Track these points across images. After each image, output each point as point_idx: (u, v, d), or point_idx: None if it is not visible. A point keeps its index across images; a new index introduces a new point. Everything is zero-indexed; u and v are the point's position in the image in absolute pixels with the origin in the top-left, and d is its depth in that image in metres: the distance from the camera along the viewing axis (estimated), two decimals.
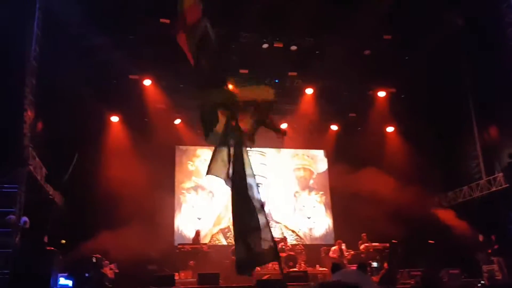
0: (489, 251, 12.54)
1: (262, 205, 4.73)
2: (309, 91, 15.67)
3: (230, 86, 5.34)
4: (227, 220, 16.05)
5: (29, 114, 10.24)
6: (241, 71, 14.64)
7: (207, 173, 4.91)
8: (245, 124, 5.28)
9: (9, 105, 9.66)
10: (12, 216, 9.91)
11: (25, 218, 10.08)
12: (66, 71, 11.77)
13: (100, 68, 12.96)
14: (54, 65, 11.39)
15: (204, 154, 16.66)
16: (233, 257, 12.99)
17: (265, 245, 4.60)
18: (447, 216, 14.54)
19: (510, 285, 8.93)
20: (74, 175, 10.80)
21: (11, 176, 10.18)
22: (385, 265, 11.40)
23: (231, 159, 4.83)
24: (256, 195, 4.73)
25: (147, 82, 14.36)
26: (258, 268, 13.33)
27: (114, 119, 15.07)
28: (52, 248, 9.92)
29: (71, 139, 12.48)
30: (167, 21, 12.49)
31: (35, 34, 10.56)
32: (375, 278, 11.47)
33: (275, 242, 4.66)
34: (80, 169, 11.59)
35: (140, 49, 13.02)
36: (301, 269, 11.71)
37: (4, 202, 10.00)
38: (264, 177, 16.64)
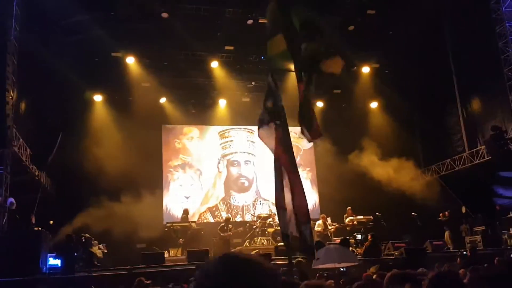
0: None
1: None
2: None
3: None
4: (215, 198, 16.18)
5: (11, 94, 10.05)
6: (226, 47, 14.53)
7: None
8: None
9: None
10: None
11: (11, 200, 10.04)
12: (47, 50, 11.54)
13: (81, 46, 12.72)
14: (35, 44, 11.15)
15: (191, 132, 16.64)
16: (223, 234, 13.15)
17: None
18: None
19: (489, 255, 9.22)
20: (59, 155, 10.70)
21: None
22: (369, 237, 11.67)
23: None
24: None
25: (130, 60, 14.16)
26: (247, 244, 13.65)
27: (97, 98, 14.88)
28: (40, 228, 9.92)
29: (54, 119, 12.34)
30: None
31: (14, 12, 10.28)
32: (360, 250, 11.74)
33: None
34: (65, 149, 11.51)
35: (122, 26, 12.79)
36: None
37: None
38: (252, 154, 16.72)
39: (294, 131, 4.70)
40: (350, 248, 10.95)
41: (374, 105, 16.92)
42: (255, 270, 1.06)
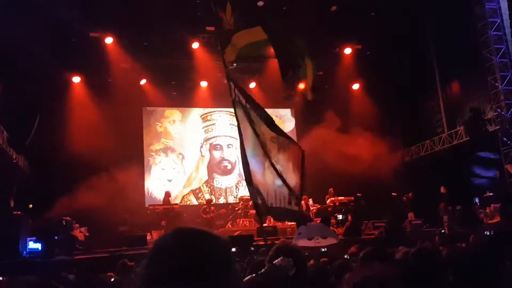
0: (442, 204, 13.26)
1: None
2: None
3: None
4: (198, 181, 16.16)
5: None
6: (207, 28, 14.33)
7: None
8: None
9: None
10: None
11: None
12: (23, 31, 11.19)
13: (58, 27, 12.36)
14: (9, 25, 10.80)
15: (172, 115, 16.46)
16: (205, 216, 13.19)
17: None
18: None
19: (467, 233, 9.46)
20: (37, 138, 10.49)
21: None
22: (349, 217, 11.86)
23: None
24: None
25: (108, 40, 13.85)
26: (229, 225, 13.71)
27: (76, 79, 14.56)
28: (19, 212, 9.79)
29: (32, 101, 12.05)
30: None
31: None
32: (341, 230, 11.92)
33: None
34: (43, 132, 11.29)
35: (100, 5, 12.46)
36: (270, 224, 12.02)
37: None
38: (234, 138, 16.66)
39: (275, 114, 4.86)
40: (331, 228, 11.13)
41: (356, 86, 16.97)
42: (206, 240, 1.06)
